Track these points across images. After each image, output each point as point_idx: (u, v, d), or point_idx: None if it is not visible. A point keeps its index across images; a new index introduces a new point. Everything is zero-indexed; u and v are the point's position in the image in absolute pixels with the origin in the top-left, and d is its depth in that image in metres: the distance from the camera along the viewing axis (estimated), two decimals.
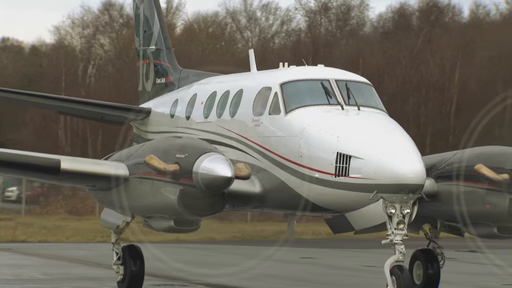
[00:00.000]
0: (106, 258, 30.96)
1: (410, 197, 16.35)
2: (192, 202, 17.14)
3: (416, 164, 16.28)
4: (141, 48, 26.20)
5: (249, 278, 22.99)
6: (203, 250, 20.78)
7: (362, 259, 31.57)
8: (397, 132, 16.97)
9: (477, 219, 18.75)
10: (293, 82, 18.84)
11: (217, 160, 17.08)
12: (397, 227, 16.28)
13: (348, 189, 16.64)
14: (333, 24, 70.12)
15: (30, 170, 19.06)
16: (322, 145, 17.08)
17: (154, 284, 23.21)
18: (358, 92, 18.60)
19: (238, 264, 19.76)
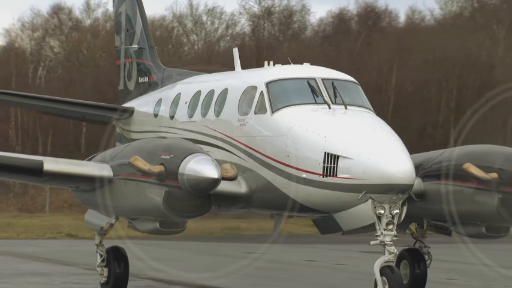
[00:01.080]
0: (56, 254, 30.93)
1: (400, 197, 15.71)
2: (177, 204, 16.49)
3: (405, 164, 15.63)
4: (122, 47, 25.51)
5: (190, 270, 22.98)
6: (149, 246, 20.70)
7: (303, 254, 31.72)
8: (385, 131, 16.33)
9: (465, 218, 18.13)
10: (279, 81, 18.15)
11: (204, 161, 16.41)
12: (386, 227, 15.63)
13: (336, 189, 15.95)
14: (275, 28, 70.27)
15: (12, 171, 18.35)
16: (310, 145, 16.39)
17: None
18: (345, 91, 17.95)
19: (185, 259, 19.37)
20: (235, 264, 21.81)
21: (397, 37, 63.24)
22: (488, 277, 21.37)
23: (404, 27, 68.98)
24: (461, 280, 24.51)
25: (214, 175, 16.18)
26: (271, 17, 70.35)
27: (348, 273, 26.28)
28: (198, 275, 22.15)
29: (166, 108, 21.70)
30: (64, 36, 73.56)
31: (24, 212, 50.21)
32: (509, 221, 17.55)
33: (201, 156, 16.46)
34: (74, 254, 30.97)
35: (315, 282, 23.63)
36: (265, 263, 28.27)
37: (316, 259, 30.44)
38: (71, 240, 38.14)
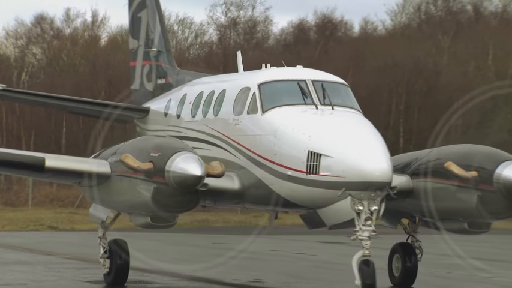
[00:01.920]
0: (38, 244, 30.64)
1: (378, 194, 15.27)
2: (165, 200, 16.18)
3: (382, 162, 15.16)
4: (141, 50, 24.96)
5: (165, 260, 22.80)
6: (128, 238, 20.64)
7: (268, 244, 31.57)
8: (366, 132, 15.92)
9: (448, 215, 17.77)
10: (270, 82, 17.72)
11: (189, 159, 16.08)
12: (364, 223, 15.20)
13: (318, 186, 15.56)
14: (241, 37, 70.26)
15: (16, 167, 18.20)
16: (295, 144, 16.02)
17: None
18: (334, 92, 17.46)
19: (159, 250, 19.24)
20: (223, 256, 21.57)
21: (352, 46, 63.36)
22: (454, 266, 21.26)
23: (359, 36, 69.21)
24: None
25: (197, 172, 15.87)
26: (236, 27, 70.34)
27: (307, 261, 26.26)
28: (172, 265, 21.97)
29: (174, 108, 21.33)
30: (46, 44, 73.34)
31: (8, 206, 49.90)
32: (487, 217, 17.12)
33: (186, 154, 16.15)
34: (55, 245, 30.77)
35: (279, 269, 23.58)
36: (235, 253, 28.17)
37: (280, 249, 30.41)
38: (52, 232, 37.87)
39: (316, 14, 71.07)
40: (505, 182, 16.49)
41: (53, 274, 21.32)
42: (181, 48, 72.52)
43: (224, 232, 37.50)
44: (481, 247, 22.35)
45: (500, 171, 16.59)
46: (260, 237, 31.92)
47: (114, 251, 18.48)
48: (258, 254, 27.12)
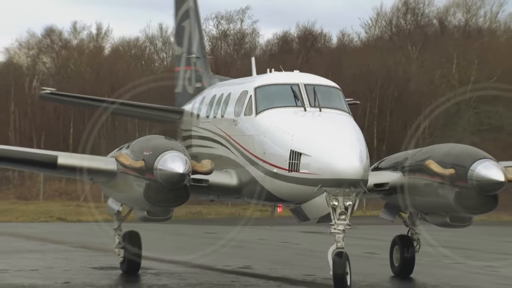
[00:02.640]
0: (48, 234, 30.53)
1: (352, 190, 14.81)
2: (155, 195, 15.81)
3: (354, 161, 14.67)
4: (184, 56, 24.41)
5: (163, 249, 22.71)
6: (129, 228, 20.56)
7: (256, 234, 31.55)
8: (345, 132, 15.40)
9: (432, 209, 17.39)
10: (265, 86, 17.22)
11: (174, 158, 15.62)
12: (339, 217, 14.76)
13: (298, 183, 15.17)
14: (230, 47, 70.32)
15: (31, 164, 17.97)
16: (280, 143, 15.61)
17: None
18: (325, 95, 16.80)
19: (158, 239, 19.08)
20: (214, 245, 21.35)
21: (331, 55, 63.43)
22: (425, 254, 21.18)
23: (336, 47, 69.33)
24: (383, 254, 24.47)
25: (179, 170, 15.46)
26: (227, 39, 70.38)
27: (291, 249, 26.24)
28: (169, 253, 21.89)
29: (196, 110, 20.91)
30: (55, 53, 73.27)
31: (21, 199, 49.81)
32: (464, 212, 16.68)
33: (173, 153, 15.75)
34: (64, 235, 30.70)
35: (266, 257, 23.57)
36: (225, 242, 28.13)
37: (267, 238, 30.38)
38: (61, 223, 37.78)
39: (298, 27, 71.21)
40: (477, 179, 16.03)
41: (62, 261, 21.27)
42: None
43: (216, 223, 37.47)
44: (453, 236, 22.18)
45: (474, 168, 16.06)
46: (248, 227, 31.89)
47: (128, 242, 18.25)
48: (247, 242, 27.08)
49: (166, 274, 18.89)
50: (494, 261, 22.71)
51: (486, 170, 15.98)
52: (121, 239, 18.27)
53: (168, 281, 17.74)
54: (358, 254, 24.45)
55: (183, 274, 18.99)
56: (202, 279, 18.14)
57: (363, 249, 25.68)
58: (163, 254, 21.67)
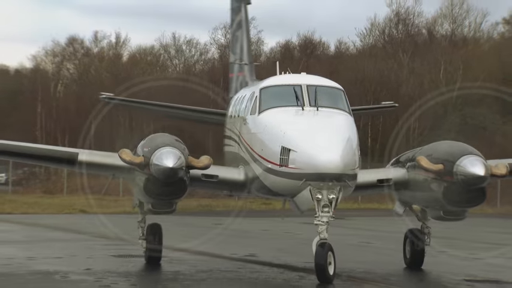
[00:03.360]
0: (71, 225, 30.61)
1: (336, 184, 14.27)
2: (153, 189, 15.53)
3: (335, 156, 14.03)
4: (237, 63, 24.09)
5: (174, 238, 22.71)
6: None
7: (260, 225, 31.66)
8: (332, 129, 14.80)
9: (428, 203, 16.83)
10: (270, 87, 16.74)
11: (167, 153, 15.24)
12: (322, 210, 14.33)
13: (287, 177, 14.71)
14: None
15: (55, 161, 17.86)
16: (273, 140, 15.13)
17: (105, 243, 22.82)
18: (325, 96, 16.19)
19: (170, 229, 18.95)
20: (210, 233, 21.17)
21: (329, 62, 63.42)
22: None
23: (334, 54, 69.38)
24: (378, 244, 24.50)
25: (169, 165, 15.07)
26: None
27: (293, 239, 26.26)
28: (181, 242, 21.92)
29: (228, 111, 20.51)
30: (77, 60, 73.50)
31: (47, 193, 49.97)
32: (450, 206, 16.09)
33: (167, 149, 15.36)
34: (85, 226, 30.70)
35: (270, 246, 23.59)
36: (232, 232, 28.16)
37: (270, 229, 30.41)
38: (83, 215, 37.85)
39: (299, 36, 71.25)
40: (461, 174, 15.49)
41: (84, 250, 21.30)
42: (188, 64, 72.55)
43: (224, 215, 37.41)
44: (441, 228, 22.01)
45: (459, 163, 15.47)
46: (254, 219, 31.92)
47: (149, 234, 17.90)
48: (252, 233, 27.16)
49: (178, 261, 18.88)
50: (477, 249, 22.72)
51: (469, 165, 15.38)
52: (144, 231, 17.92)
53: (180, 267, 17.75)
54: (354, 243, 24.51)
55: (194, 261, 18.99)
56: (212, 266, 18.15)
57: (358, 239, 25.70)
58: (175, 243, 21.68)
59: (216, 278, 16.16)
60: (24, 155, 18.09)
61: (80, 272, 16.62)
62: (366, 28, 70.09)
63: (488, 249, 22.91)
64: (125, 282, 15.37)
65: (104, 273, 16.41)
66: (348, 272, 17.38)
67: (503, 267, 18.95)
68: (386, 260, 19.86)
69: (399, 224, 18.83)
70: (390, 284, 15.88)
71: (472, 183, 15.43)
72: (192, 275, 16.51)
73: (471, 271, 17.91)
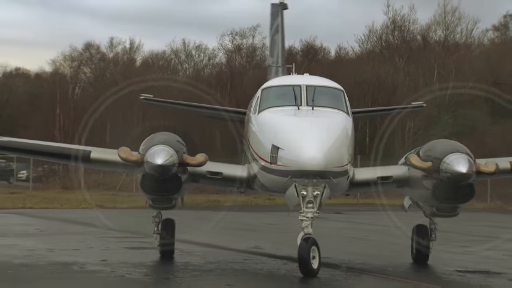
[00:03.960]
0: (88, 219, 30.60)
1: (320, 181, 13.75)
2: (149, 185, 15.13)
3: (318, 154, 13.41)
4: (274, 66, 23.48)
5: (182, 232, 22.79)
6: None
7: (266, 219, 31.65)
8: (322, 128, 14.07)
9: (422, 200, 16.12)
10: (271, 87, 16.17)
11: (159, 151, 14.76)
12: (307, 206, 13.82)
13: (276, 174, 14.20)
14: (244, 59, 70.30)
15: (69, 158, 17.44)
16: (266, 138, 14.59)
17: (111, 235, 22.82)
18: (324, 95, 15.55)
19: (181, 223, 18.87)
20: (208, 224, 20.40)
21: (329, 66, 63.31)
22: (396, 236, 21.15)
23: (334, 59, 69.34)
24: (375, 237, 24.49)
25: (158, 162, 14.58)
26: (240, 52, 70.40)
27: (296, 232, 26.07)
28: (189, 235, 21.91)
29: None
30: (93, 65, 73.62)
31: (65, 189, 49.95)
32: (438, 203, 15.46)
33: (160, 147, 14.87)
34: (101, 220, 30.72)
35: (274, 239, 23.54)
36: (239, 225, 28.18)
37: (275, 223, 30.38)
38: (99, 209, 37.85)
39: (302, 42, 71.16)
40: (446, 171, 14.82)
41: (100, 242, 21.32)
42: (197, 68, 72.63)
43: (232, 210, 37.44)
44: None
45: (445, 161, 14.73)
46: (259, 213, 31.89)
47: (163, 228, 17.59)
48: (257, 226, 27.14)
49: (188, 253, 18.90)
50: (469, 242, 22.70)
51: (454, 162, 14.61)
52: (158, 226, 17.62)
53: (190, 259, 17.77)
54: (353, 236, 24.50)
55: (203, 253, 19.01)
56: (219, 257, 18.17)
57: (357, 233, 25.68)
58: (185, 236, 21.71)
59: (223, 269, 16.15)
60: (42, 153, 17.98)
61: (97, 263, 16.62)
62: (364, 34, 70.11)
63: (480, 242, 22.89)
64: (138, 273, 15.37)
65: (119, 264, 16.44)
66: (347, 263, 17.39)
67: (493, 259, 18.92)
68: (383, 252, 19.83)
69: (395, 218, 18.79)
70: (387, 275, 15.88)
71: (456, 180, 14.72)
72: (201, 266, 16.51)
73: (463, 263, 17.88)
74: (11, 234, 23.47)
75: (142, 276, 15.02)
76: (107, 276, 14.80)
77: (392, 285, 14.65)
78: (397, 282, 14.96)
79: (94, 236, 23.08)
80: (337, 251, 20.20)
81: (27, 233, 24.33)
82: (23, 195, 43.76)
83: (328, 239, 23.93)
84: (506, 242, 21.75)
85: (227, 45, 70.57)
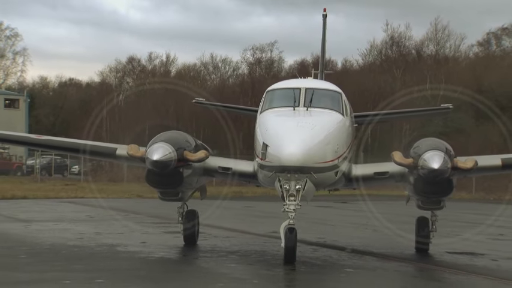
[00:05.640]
0: (130, 207, 30.76)
1: (301, 176, 12.85)
2: (152, 179, 14.41)
3: (296, 151, 12.48)
4: (318, 72, 22.23)
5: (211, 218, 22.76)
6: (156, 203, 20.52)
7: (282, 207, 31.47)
8: (308, 126, 13.10)
9: (410, 194, 15.04)
10: (274, 90, 15.00)
11: (157, 147, 14.03)
12: (289, 199, 12.96)
13: (266, 170, 13.36)
14: (263, 70, 70.30)
15: (99, 155, 16.96)
16: (260, 136, 13.63)
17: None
18: (321, 97, 14.47)
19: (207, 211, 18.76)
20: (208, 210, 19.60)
21: (336, 77, 62.77)
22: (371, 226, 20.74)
23: (341, 70, 69.02)
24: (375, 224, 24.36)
25: (153, 158, 13.87)
26: (260, 64, 70.42)
27: (307, 219, 25.99)
28: (217, 221, 21.89)
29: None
30: (135, 75, 73.81)
31: (111, 181, 50.18)
32: (420, 196, 14.56)
33: (159, 144, 14.13)
34: (141, 207, 30.95)
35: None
36: (259, 213, 28.10)
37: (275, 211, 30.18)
38: (139, 199, 38.04)
39: (313, 55, 70.83)
40: (422, 168, 13.65)
41: (140, 227, 21.31)
42: (223, 78, 72.74)
43: (253, 200, 37.49)
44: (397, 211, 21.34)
45: (422, 157, 13.68)
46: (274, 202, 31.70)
47: (185, 218, 16.82)
48: (274, 214, 27.03)
49: (213, 237, 18.85)
50: (458, 227, 22.53)
51: (429, 159, 13.55)
52: (182, 216, 16.86)
53: (216, 242, 17.76)
54: (356, 222, 24.38)
55: (226, 237, 19.00)
56: (242, 240, 18.15)
57: (360, 220, 25.53)
58: (212, 222, 21.69)
59: (246, 250, 16.15)
60: (76, 151, 17.46)
61: (138, 245, 16.64)
62: (366, 49, 69.98)
63: (466, 228, 22.71)
64: (174, 254, 15.41)
65: (157, 246, 16.44)
66: (352, 246, 17.31)
67: (479, 242, 18.77)
68: (382, 237, 19.72)
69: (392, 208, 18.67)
70: (385, 255, 15.80)
71: (431, 175, 13.61)
72: (226, 248, 16.51)
73: (452, 245, 17.75)
74: (65, 220, 23.59)
75: (179, 257, 15.06)
76: (147, 256, 14.80)
77: (390, 264, 14.57)
78: (395, 262, 14.87)
79: (135, 222, 23.14)
80: (342, 235, 20.13)
81: (78, 219, 24.44)
82: (75, 187, 43.99)
83: (336, 224, 23.89)
84: (489, 228, 21.60)
85: (249, 58, 70.64)
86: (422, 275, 13.60)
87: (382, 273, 13.35)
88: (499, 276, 13.25)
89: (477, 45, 68.95)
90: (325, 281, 12.32)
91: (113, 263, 13.63)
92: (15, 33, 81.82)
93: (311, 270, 13.33)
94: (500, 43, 68.29)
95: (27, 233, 19.14)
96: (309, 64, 71.02)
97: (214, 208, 18.19)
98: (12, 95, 76.02)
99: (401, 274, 13.43)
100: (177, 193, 15.23)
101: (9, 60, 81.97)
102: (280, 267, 13.35)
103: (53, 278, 11.68)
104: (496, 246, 18.13)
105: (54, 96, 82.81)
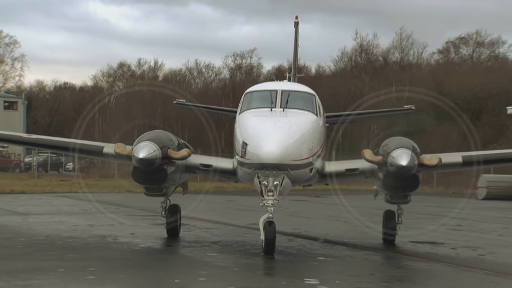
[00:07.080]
0: (120, 201, 30.55)
1: (279, 172, 12.59)
2: (137, 176, 14.04)
3: (274, 149, 12.24)
4: (289, 75, 21.63)
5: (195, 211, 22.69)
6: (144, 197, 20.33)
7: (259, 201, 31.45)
8: (284, 126, 12.78)
9: (379, 189, 14.83)
10: (252, 92, 14.62)
11: (143, 146, 13.66)
12: (268, 194, 12.71)
13: (245, 167, 13.08)
14: (243, 75, 70.29)
15: (88, 153, 16.65)
16: (240, 135, 13.33)
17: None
18: (296, 99, 14.11)
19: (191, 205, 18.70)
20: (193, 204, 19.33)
21: (310, 82, 62.81)
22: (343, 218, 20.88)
23: (314, 75, 69.21)
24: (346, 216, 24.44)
25: (139, 156, 13.52)
26: (241, 69, 70.46)
27: (284, 212, 26.04)
28: (201, 214, 21.84)
29: None
30: (125, 80, 73.48)
31: (103, 177, 49.91)
32: (389, 191, 14.44)
33: (144, 143, 13.75)
34: (131, 202, 30.71)
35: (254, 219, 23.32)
36: (239, 206, 28.05)
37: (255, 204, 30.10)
38: (130, 193, 37.79)
39: (289, 61, 70.57)
40: (391, 164, 13.41)
41: (130, 219, 21.29)
42: (207, 83, 72.66)
43: (234, 194, 37.46)
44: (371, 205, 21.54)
45: (391, 154, 13.45)
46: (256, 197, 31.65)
47: (168, 212, 16.45)
48: (252, 207, 27.00)
49: (197, 228, 18.80)
50: (420, 219, 22.65)
51: (398, 156, 13.32)
52: (165, 210, 16.47)
53: (199, 233, 17.72)
54: (328, 215, 24.44)
55: (209, 228, 18.95)
56: (223, 231, 18.12)
57: (331, 212, 25.58)
58: (196, 215, 21.63)
59: (227, 240, 16.11)
60: (66, 149, 16.99)
61: (127, 236, 16.56)
62: (337, 56, 70.31)
63: (428, 220, 22.86)
64: (161, 244, 15.34)
65: (145, 237, 16.38)
66: (324, 236, 17.34)
67: (439, 233, 18.90)
68: (353, 228, 19.77)
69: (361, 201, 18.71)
70: (355, 245, 15.85)
71: (399, 172, 13.36)
72: (209, 238, 16.47)
73: (415, 236, 17.85)
74: (60, 213, 23.41)
75: (165, 247, 14.98)
76: (135, 246, 14.75)
77: (359, 253, 14.62)
78: (363, 251, 14.93)
79: (125, 214, 23.03)
80: (316, 226, 20.16)
81: (72, 212, 24.27)
82: (70, 182, 43.61)
83: (310, 217, 23.92)
84: (449, 220, 21.75)
85: (230, 64, 70.64)
86: (388, 262, 13.66)
87: (351, 261, 13.41)
88: (458, 264, 13.34)
89: (438, 53, 69.68)
90: (300, 268, 12.34)
91: (104, 253, 13.55)
92: (14, 41, 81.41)
93: (286, 258, 13.36)
94: (459, 51, 68.99)
95: (25, 225, 18.99)
96: (286, 69, 71.12)
97: (197, 202, 18.08)
98: (11, 97, 75.48)
99: (370, 262, 13.49)
100: (161, 189, 14.98)
101: (8, 66, 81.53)
102: (258, 256, 13.36)
103: (48, 267, 11.60)
104: (454, 236, 18.27)
105: (50, 99, 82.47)
